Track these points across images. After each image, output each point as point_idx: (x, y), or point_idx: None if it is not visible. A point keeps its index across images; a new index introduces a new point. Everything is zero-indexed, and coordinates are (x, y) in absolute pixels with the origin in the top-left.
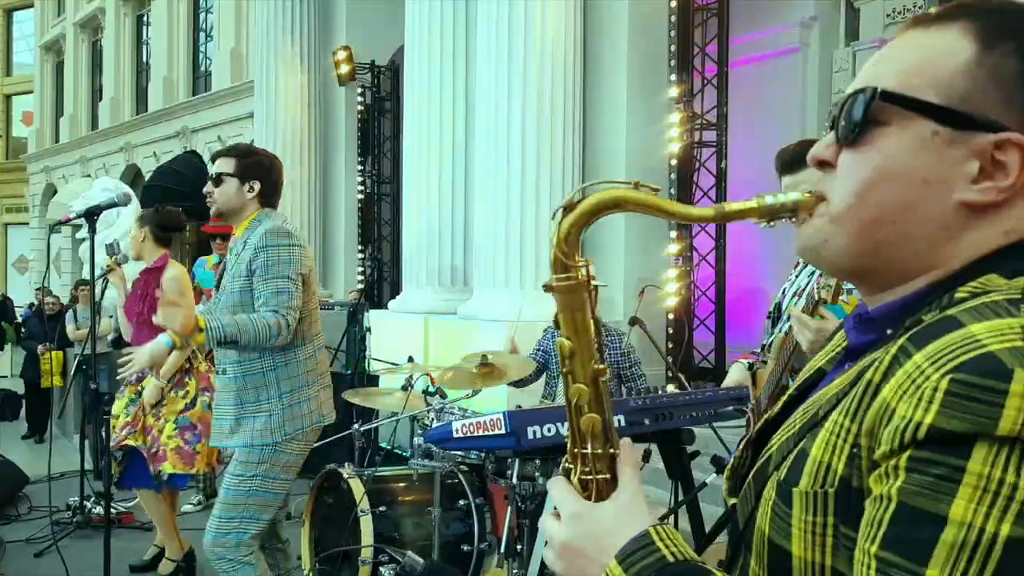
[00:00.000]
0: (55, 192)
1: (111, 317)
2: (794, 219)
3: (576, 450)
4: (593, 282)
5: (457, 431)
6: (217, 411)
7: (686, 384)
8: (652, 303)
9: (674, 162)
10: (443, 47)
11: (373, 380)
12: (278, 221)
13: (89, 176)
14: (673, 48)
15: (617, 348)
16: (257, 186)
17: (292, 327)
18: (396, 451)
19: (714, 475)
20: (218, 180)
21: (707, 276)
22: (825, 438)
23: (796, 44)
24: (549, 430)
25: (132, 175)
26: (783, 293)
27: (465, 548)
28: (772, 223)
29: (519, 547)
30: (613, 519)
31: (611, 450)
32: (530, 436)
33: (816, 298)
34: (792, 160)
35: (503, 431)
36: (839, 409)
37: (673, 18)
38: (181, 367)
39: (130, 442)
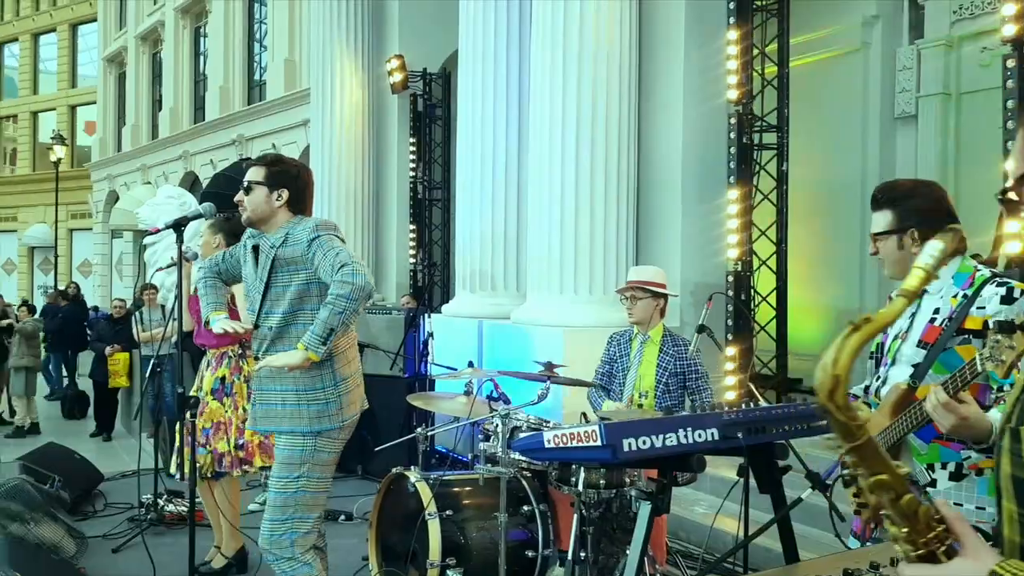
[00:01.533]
0: (117, 199)
1: (175, 320)
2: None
3: (922, 540)
4: (669, 293)
5: (549, 441)
6: (262, 396)
7: (757, 395)
8: (713, 309)
9: (732, 165)
10: (496, 53)
11: (429, 383)
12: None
13: (149, 183)
14: (731, 49)
15: (683, 357)
16: (285, 194)
17: (359, 268)
18: (453, 455)
19: (809, 491)
20: (248, 189)
21: (767, 282)
22: None
23: (858, 43)
24: (644, 442)
25: (190, 182)
26: (885, 332)
27: (529, 554)
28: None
29: (583, 555)
30: (968, 571)
31: (936, 516)
32: (626, 448)
33: (978, 371)
34: (872, 199)
35: (598, 443)
36: None
37: (731, 19)
38: (235, 352)
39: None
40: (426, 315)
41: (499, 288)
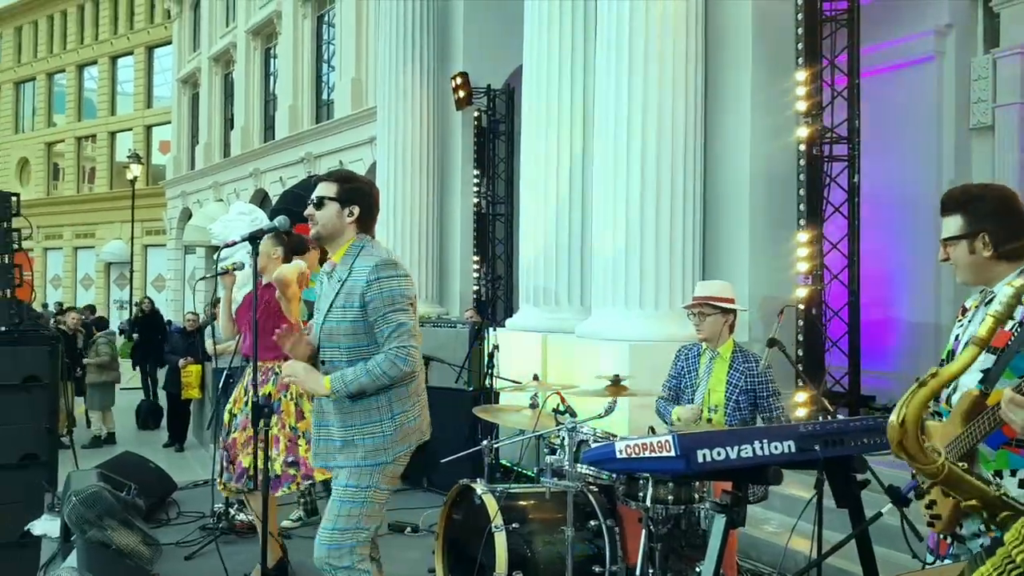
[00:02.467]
0: (190, 216)
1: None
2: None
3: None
4: (738, 308)
5: (621, 452)
6: (320, 431)
7: (830, 409)
8: (784, 323)
9: (802, 177)
10: (560, 67)
11: (493, 396)
12: (381, 251)
13: (221, 200)
14: (800, 61)
15: (754, 374)
16: (356, 211)
17: (413, 354)
18: (517, 469)
19: (889, 505)
20: (320, 203)
21: (839, 296)
22: None
23: (931, 52)
24: (719, 454)
25: (260, 199)
26: (956, 340)
27: (596, 569)
28: None
29: (651, 571)
30: None
31: None
32: (699, 459)
33: None
34: (941, 204)
35: (672, 453)
36: None
37: (800, 30)
38: (280, 368)
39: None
40: (491, 328)
41: (563, 302)
